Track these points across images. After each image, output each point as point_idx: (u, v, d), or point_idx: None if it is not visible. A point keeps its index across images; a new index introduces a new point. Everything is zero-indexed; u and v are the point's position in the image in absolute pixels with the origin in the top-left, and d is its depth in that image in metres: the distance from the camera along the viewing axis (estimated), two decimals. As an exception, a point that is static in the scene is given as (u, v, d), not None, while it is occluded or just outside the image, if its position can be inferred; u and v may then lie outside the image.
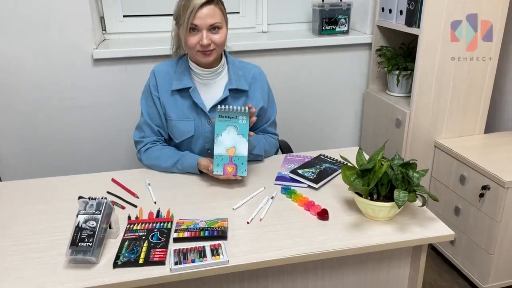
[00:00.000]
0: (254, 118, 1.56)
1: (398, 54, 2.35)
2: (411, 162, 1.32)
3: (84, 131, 2.31)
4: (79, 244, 1.15)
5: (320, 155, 1.71)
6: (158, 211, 1.38)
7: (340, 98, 2.62)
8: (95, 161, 2.38)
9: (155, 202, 1.45)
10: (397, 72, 2.30)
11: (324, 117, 2.64)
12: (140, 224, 1.31)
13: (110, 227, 1.25)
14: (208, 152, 1.69)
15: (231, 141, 1.53)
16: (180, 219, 1.33)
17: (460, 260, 2.20)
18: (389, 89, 2.43)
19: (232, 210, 1.40)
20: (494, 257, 1.99)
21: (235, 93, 1.66)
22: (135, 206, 1.43)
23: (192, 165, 1.59)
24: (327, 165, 1.63)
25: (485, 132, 2.33)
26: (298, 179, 1.54)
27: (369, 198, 1.30)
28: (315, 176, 1.54)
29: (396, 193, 1.24)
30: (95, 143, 2.36)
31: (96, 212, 1.20)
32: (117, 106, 2.30)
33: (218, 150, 1.52)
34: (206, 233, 1.26)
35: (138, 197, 1.49)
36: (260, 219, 1.35)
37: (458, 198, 2.13)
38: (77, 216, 1.20)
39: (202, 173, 1.60)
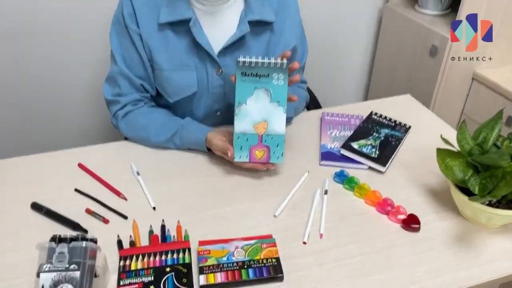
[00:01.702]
0: (297, 77, 1.03)
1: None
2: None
3: (24, 76, 1.66)
4: (48, 328, 0.67)
5: (371, 113, 1.24)
6: (164, 229, 0.90)
7: (348, 17, 2.05)
8: (47, 130, 1.72)
9: (154, 208, 0.96)
10: (437, -18, 1.78)
11: (327, 42, 2.08)
12: (140, 258, 0.83)
13: (95, 275, 0.77)
14: (217, 114, 1.18)
15: (260, 112, 1.01)
16: (201, 244, 0.86)
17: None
18: (419, 4, 1.92)
19: (273, 217, 0.95)
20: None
21: (255, 26, 1.11)
22: (125, 218, 0.94)
23: (197, 141, 1.09)
24: (387, 130, 1.17)
25: (528, 60, 1.93)
26: (356, 158, 1.08)
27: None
28: (377, 152, 1.09)
29: (538, 203, 0.82)
30: (43, 98, 1.67)
31: (72, 267, 0.71)
32: (70, 33, 1.62)
33: (241, 126, 1.01)
34: (251, 274, 0.81)
35: (126, 199, 0.98)
36: (321, 236, 0.91)
37: (502, 145, 1.78)
38: (38, 274, 0.70)
39: (209, 150, 1.10)
